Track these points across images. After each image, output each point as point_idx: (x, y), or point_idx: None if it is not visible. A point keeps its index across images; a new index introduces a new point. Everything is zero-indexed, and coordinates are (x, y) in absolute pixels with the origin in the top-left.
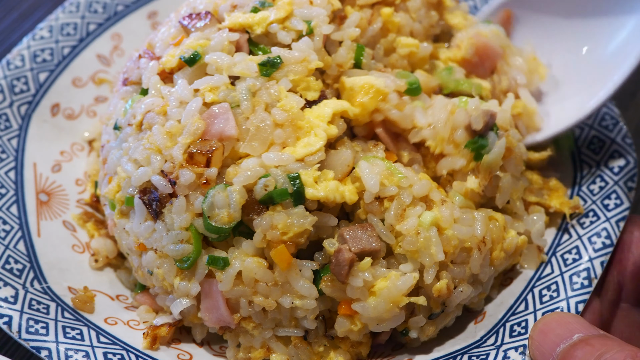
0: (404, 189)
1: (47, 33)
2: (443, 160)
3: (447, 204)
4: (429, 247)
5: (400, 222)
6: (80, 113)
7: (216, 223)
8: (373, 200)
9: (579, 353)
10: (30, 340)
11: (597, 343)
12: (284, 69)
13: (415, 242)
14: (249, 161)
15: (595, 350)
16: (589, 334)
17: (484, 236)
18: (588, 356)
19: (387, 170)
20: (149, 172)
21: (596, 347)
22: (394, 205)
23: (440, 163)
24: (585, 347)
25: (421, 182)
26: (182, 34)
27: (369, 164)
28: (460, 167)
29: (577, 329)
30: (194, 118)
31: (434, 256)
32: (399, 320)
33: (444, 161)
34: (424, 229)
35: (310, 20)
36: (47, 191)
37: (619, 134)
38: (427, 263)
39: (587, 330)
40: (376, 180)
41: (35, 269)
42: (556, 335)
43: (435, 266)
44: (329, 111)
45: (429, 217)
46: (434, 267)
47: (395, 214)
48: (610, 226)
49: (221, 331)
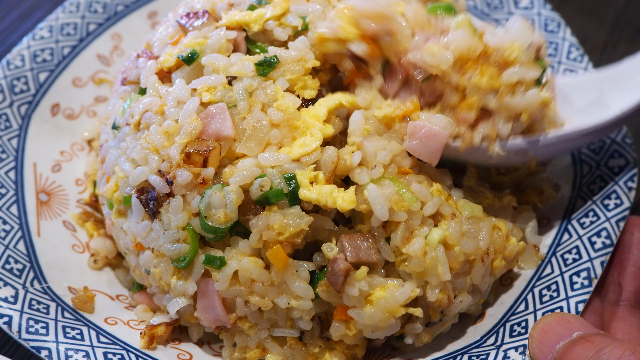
0: (413, 214)
1: (47, 33)
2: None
3: (456, 218)
4: (435, 268)
5: (407, 245)
6: (80, 113)
7: (213, 223)
8: (380, 225)
9: (577, 349)
10: (30, 340)
11: (597, 340)
12: (281, 68)
13: (422, 263)
14: (245, 161)
15: (594, 346)
16: (589, 332)
17: (488, 248)
18: (587, 351)
19: (397, 194)
20: (147, 171)
21: (595, 344)
22: (401, 229)
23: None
24: (584, 343)
25: (433, 200)
26: (179, 33)
27: (378, 187)
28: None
29: (577, 327)
30: (191, 118)
31: (441, 276)
32: (394, 329)
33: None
34: (431, 249)
35: (306, 16)
36: (47, 191)
37: (619, 134)
38: (434, 282)
39: (587, 329)
40: (385, 209)
41: (35, 269)
42: (556, 333)
43: (440, 284)
44: (324, 110)
45: (436, 236)
46: (438, 285)
47: (402, 237)
48: (610, 226)
49: (217, 331)
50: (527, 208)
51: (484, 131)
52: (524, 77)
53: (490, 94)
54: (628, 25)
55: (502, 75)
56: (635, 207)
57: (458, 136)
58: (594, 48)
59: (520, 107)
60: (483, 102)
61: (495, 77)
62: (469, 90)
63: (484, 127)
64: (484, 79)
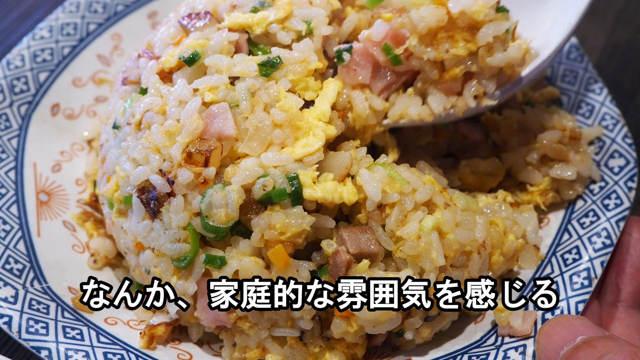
0: (406, 195)
1: (47, 33)
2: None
3: (450, 207)
4: (429, 252)
5: (401, 228)
6: (80, 113)
7: (214, 222)
8: (375, 208)
9: (581, 355)
10: (30, 340)
11: (599, 345)
12: (284, 69)
13: (416, 247)
14: (247, 161)
15: (596, 352)
16: (593, 336)
17: (484, 240)
18: (589, 358)
19: (389, 177)
20: (148, 171)
21: (598, 349)
22: (395, 212)
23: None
24: (587, 349)
25: (424, 187)
26: (181, 33)
27: (370, 172)
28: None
29: (581, 330)
30: (192, 117)
31: (435, 261)
32: (395, 322)
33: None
34: (425, 234)
35: (310, 20)
36: (47, 191)
37: (619, 134)
38: (428, 267)
39: (591, 331)
40: (378, 189)
41: (35, 269)
42: (560, 338)
43: (436, 270)
44: (327, 106)
45: (430, 222)
46: (434, 271)
47: (396, 219)
48: (610, 226)
49: (217, 330)
50: (529, 208)
51: (473, 93)
52: (498, 33)
53: (469, 58)
54: (628, 25)
55: (477, 37)
56: (635, 207)
57: (452, 107)
58: (594, 48)
59: (503, 64)
60: (465, 69)
61: (470, 41)
62: (449, 61)
63: (471, 89)
64: (459, 46)
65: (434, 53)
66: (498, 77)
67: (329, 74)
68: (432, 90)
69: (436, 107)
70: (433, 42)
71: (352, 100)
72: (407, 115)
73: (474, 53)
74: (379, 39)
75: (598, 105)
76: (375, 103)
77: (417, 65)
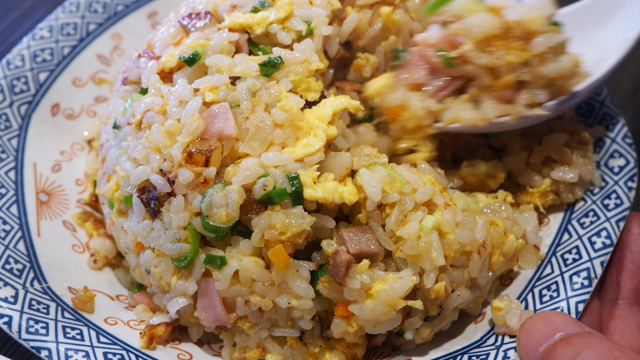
0: (406, 195)
1: (47, 33)
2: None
3: (450, 207)
4: (429, 252)
5: (401, 227)
6: (80, 113)
7: (214, 222)
8: (375, 208)
9: (558, 352)
10: (30, 340)
11: (577, 341)
12: (285, 69)
13: (416, 247)
14: (248, 161)
15: (573, 350)
16: (571, 332)
17: (485, 240)
18: (566, 355)
19: (389, 176)
20: (148, 171)
21: (574, 346)
22: (395, 212)
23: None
24: (564, 345)
25: (425, 187)
26: (181, 33)
27: (370, 171)
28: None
29: (560, 327)
30: (193, 117)
31: (435, 261)
32: (395, 322)
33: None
34: (425, 234)
35: (310, 20)
36: (47, 191)
37: (619, 134)
38: (428, 267)
39: (570, 327)
40: (378, 189)
41: (35, 269)
42: (540, 334)
43: (435, 270)
44: (329, 111)
45: (430, 222)
46: (434, 271)
47: (396, 219)
48: (610, 226)
49: (217, 330)
50: (529, 208)
51: (525, 102)
52: (552, 44)
53: (521, 67)
54: None
55: (530, 46)
56: (635, 207)
57: (506, 114)
58: None
59: (554, 74)
60: (518, 77)
61: (524, 50)
62: (502, 68)
63: (524, 97)
64: (513, 54)
65: (488, 59)
66: (549, 88)
67: (329, 74)
68: (484, 98)
69: (490, 112)
70: (487, 49)
71: (408, 100)
72: (460, 119)
73: (527, 62)
74: (434, 41)
75: (598, 105)
76: (429, 104)
77: (470, 71)
